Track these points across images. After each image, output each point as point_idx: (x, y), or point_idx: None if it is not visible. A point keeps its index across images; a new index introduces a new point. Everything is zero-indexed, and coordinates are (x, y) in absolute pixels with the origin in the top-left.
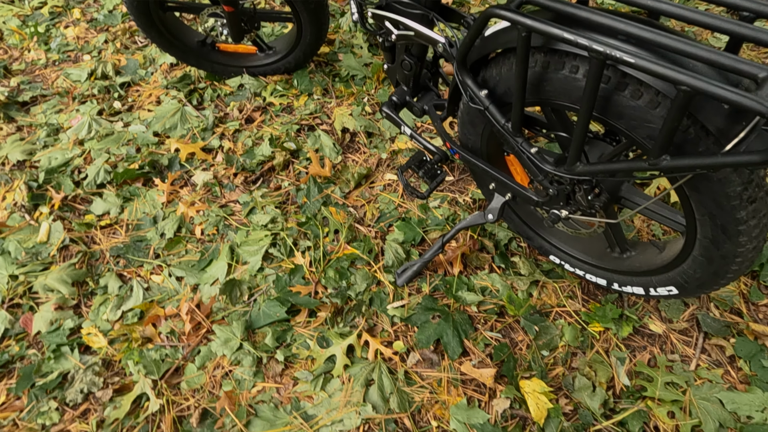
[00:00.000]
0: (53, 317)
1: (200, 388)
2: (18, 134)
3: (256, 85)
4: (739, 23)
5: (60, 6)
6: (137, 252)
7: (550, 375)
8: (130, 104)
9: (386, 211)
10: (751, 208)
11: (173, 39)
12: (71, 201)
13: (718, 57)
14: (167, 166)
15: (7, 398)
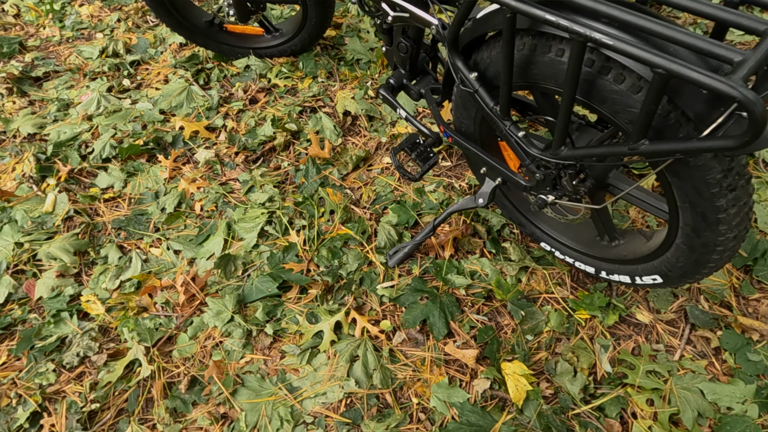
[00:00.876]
0: (55, 284)
1: (191, 357)
2: (30, 108)
3: (262, 67)
4: (722, 8)
5: None
6: (138, 225)
7: (533, 359)
8: (138, 82)
9: (382, 193)
10: (731, 196)
11: (182, 19)
12: (77, 174)
13: (695, 41)
14: (171, 143)
15: (7, 359)
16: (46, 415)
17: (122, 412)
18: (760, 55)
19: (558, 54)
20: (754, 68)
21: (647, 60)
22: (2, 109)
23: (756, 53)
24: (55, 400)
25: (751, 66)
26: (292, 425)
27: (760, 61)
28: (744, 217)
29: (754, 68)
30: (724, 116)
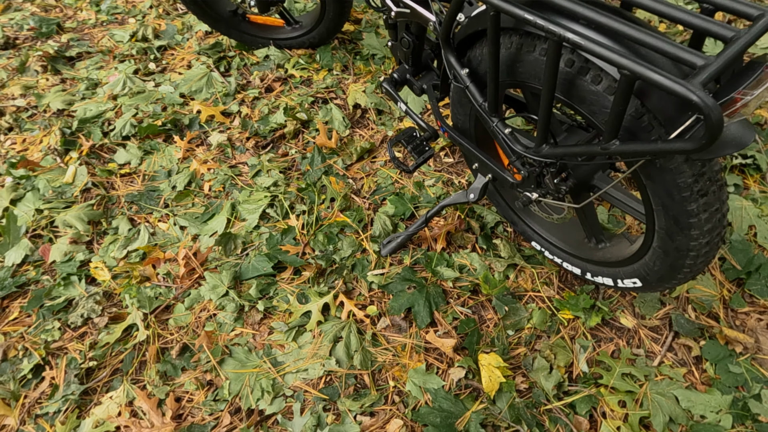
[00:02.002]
0: (68, 249)
1: (185, 326)
2: (61, 86)
3: (281, 57)
4: (699, 16)
5: None
6: (149, 200)
7: (511, 353)
8: (163, 66)
9: (383, 185)
10: (702, 201)
11: (207, 8)
12: (98, 149)
13: (663, 44)
14: (187, 125)
15: (19, 314)
16: (47, 368)
17: (117, 371)
18: (722, 61)
19: (542, 53)
20: (715, 74)
21: (614, 61)
22: (36, 85)
23: (718, 60)
24: (57, 355)
25: (712, 72)
26: (272, 396)
27: (722, 68)
28: (716, 224)
29: (715, 74)
30: (690, 120)
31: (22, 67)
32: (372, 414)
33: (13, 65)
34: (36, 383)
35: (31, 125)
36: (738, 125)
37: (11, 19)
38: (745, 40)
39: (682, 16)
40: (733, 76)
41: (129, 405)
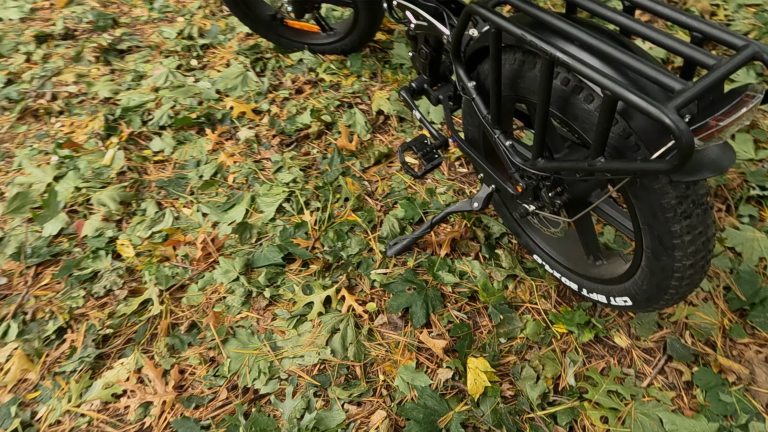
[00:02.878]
0: (99, 226)
1: (196, 305)
2: (110, 76)
3: (314, 62)
4: (686, 44)
5: None
6: (177, 187)
7: (501, 361)
8: (204, 63)
9: (396, 189)
10: (686, 223)
11: (248, 10)
12: (136, 136)
13: (646, 68)
14: (220, 119)
15: (50, 281)
16: (69, 332)
17: (130, 341)
18: (698, 88)
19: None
20: (690, 99)
21: (597, 81)
22: (88, 73)
23: (695, 86)
24: (79, 320)
25: (687, 97)
26: (267, 377)
27: (698, 94)
28: (700, 248)
29: (690, 99)
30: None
31: (77, 57)
32: (359, 404)
33: (70, 54)
34: (57, 344)
35: (80, 110)
36: (719, 149)
37: (73, 12)
38: (725, 68)
39: (671, 43)
40: (712, 102)
41: (137, 372)
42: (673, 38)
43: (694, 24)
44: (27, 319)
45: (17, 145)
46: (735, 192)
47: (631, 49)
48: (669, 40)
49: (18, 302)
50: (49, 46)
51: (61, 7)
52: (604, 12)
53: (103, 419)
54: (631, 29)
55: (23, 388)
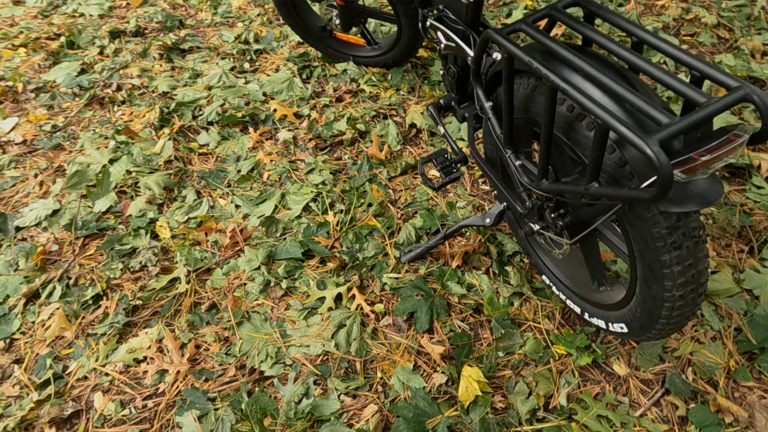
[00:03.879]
0: (142, 207)
1: (218, 288)
2: (170, 72)
3: (357, 73)
4: (682, 82)
5: None
6: (216, 179)
7: (497, 373)
8: (256, 67)
9: (418, 200)
10: (675, 254)
11: (300, 21)
12: (186, 129)
13: (638, 101)
14: (263, 120)
15: (94, 252)
16: (104, 299)
17: (156, 313)
18: (684, 123)
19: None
20: (675, 133)
21: (590, 110)
22: (151, 69)
23: (682, 121)
24: (114, 290)
25: (672, 130)
26: (273, 361)
27: (684, 128)
28: (690, 279)
29: (675, 133)
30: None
31: (144, 53)
32: (354, 396)
33: (138, 50)
34: (93, 309)
35: (140, 101)
36: (707, 183)
37: (146, 12)
38: (713, 107)
39: (668, 80)
40: (700, 138)
41: (158, 342)
42: (670, 76)
43: (692, 63)
44: (70, 283)
45: (82, 128)
46: (761, 234)
47: (632, 82)
48: (666, 77)
49: (65, 268)
50: (121, 41)
51: (136, 6)
52: (614, 47)
53: (123, 380)
54: (636, 65)
55: (59, 344)
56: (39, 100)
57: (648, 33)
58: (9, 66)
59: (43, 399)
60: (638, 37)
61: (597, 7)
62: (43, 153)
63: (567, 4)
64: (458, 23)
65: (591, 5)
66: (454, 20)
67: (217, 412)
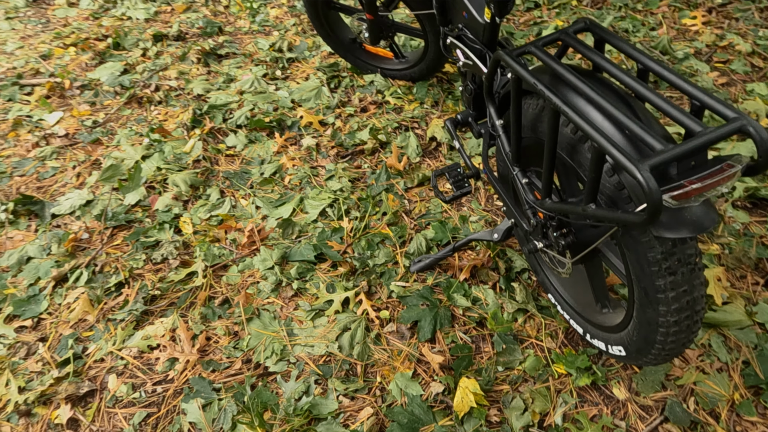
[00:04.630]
0: (169, 203)
1: (232, 285)
2: (206, 76)
3: (383, 85)
4: (680, 110)
5: None
6: (240, 180)
7: (494, 387)
8: (287, 75)
9: (432, 212)
10: (670, 279)
11: (331, 32)
12: (216, 131)
13: (634, 126)
14: (289, 126)
15: (120, 242)
16: (126, 287)
17: (173, 304)
18: (676, 151)
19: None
20: (667, 160)
21: (587, 132)
22: (189, 72)
23: (675, 148)
24: (135, 279)
25: (664, 158)
26: (277, 358)
27: (676, 156)
28: (684, 306)
29: (667, 160)
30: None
31: (183, 57)
32: (353, 398)
33: (178, 54)
34: (115, 295)
35: (175, 102)
36: (701, 210)
37: (188, 17)
38: (708, 137)
39: (667, 108)
40: (694, 166)
41: (172, 331)
42: (670, 104)
43: (693, 93)
44: (96, 270)
45: (120, 125)
46: None
47: (634, 109)
48: (666, 106)
49: (92, 255)
50: (163, 44)
51: (180, 12)
52: (618, 74)
53: (136, 365)
54: (638, 92)
55: (81, 326)
56: (83, 97)
57: (653, 61)
58: (59, 63)
59: (62, 376)
60: (643, 65)
61: (606, 33)
62: (82, 146)
63: (578, 29)
64: (476, 42)
65: (600, 31)
66: (472, 39)
67: (221, 402)
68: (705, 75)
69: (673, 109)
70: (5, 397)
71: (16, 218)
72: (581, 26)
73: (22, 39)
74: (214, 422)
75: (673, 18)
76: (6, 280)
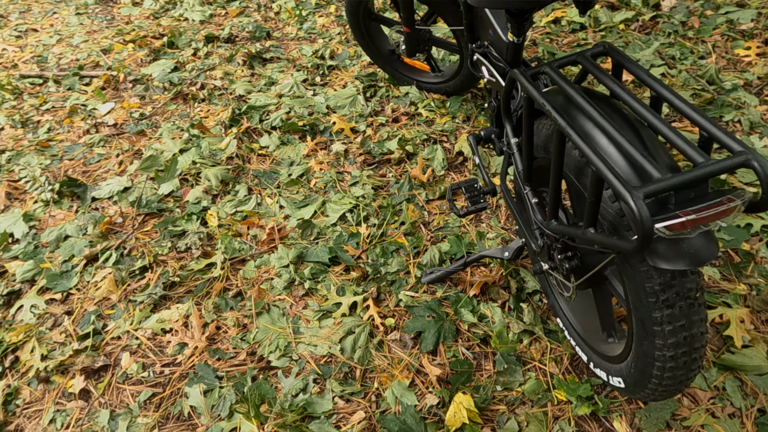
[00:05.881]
0: (199, 196)
1: (248, 279)
2: (249, 78)
3: (417, 97)
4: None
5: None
6: (268, 179)
7: (491, 407)
8: (326, 81)
9: (450, 225)
10: (667, 312)
11: (371, 43)
12: (251, 131)
13: (634, 153)
14: (321, 131)
15: (150, 228)
16: (149, 272)
17: (190, 291)
18: (673, 181)
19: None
20: (662, 189)
21: (587, 156)
22: (234, 73)
23: (672, 178)
24: (159, 264)
25: (659, 187)
26: (280, 353)
27: (672, 186)
28: (681, 342)
29: (662, 189)
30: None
31: (230, 58)
32: (348, 401)
33: (226, 55)
34: (138, 278)
35: (217, 101)
36: (701, 242)
37: (240, 21)
38: (708, 169)
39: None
40: (693, 198)
41: (185, 317)
42: (676, 134)
43: (702, 124)
44: (124, 253)
45: (164, 119)
46: None
47: (641, 135)
48: (672, 135)
49: (123, 239)
50: (213, 46)
51: (233, 16)
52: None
53: (149, 345)
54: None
55: (104, 304)
56: (134, 90)
57: (666, 90)
58: (117, 58)
59: (81, 349)
60: (657, 93)
61: (623, 58)
62: (128, 136)
63: (596, 53)
64: (500, 60)
65: (618, 56)
66: (497, 57)
67: (222, 390)
68: (753, 108)
69: (679, 138)
70: (29, 363)
71: (61, 198)
72: (600, 50)
73: (87, 33)
74: (213, 408)
75: (725, 47)
76: (44, 254)
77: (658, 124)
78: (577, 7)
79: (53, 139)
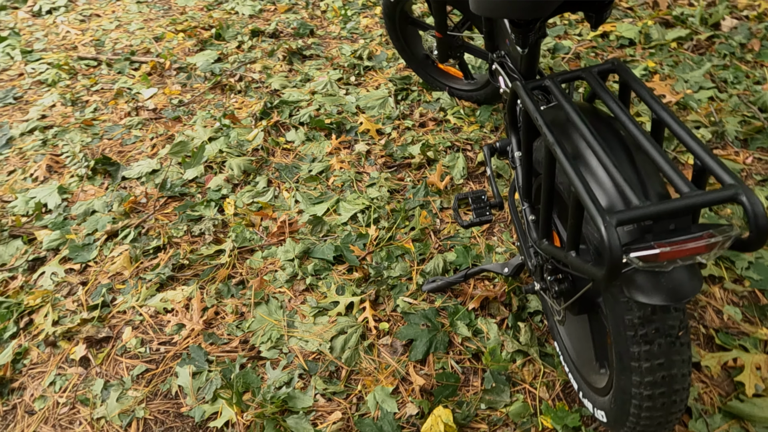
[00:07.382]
0: (220, 184)
1: (253, 268)
2: (286, 73)
3: (448, 103)
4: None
5: (372, 1)
6: (288, 173)
7: (471, 424)
8: (360, 81)
9: (461, 235)
10: (645, 348)
11: (406, 47)
12: (280, 124)
13: (619, 178)
14: (347, 130)
15: (170, 211)
16: (162, 252)
17: (196, 275)
18: (650, 210)
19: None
20: (636, 218)
21: (568, 176)
22: (272, 67)
23: (649, 207)
24: (172, 246)
25: (635, 215)
26: (271, 345)
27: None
28: (659, 381)
29: (636, 218)
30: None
31: (271, 53)
32: (329, 399)
33: (268, 50)
34: (151, 258)
35: (252, 93)
36: (683, 277)
37: (286, 17)
38: (692, 200)
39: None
40: (673, 230)
41: (188, 300)
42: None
43: (698, 153)
44: (142, 232)
45: (200, 107)
46: None
47: (634, 160)
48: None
49: (143, 218)
50: (258, 40)
51: (281, 12)
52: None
53: (150, 323)
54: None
55: (117, 279)
56: (177, 78)
57: (669, 115)
58: (167, 46)
59: (88, 319)
60: (658, 116)
61: (631, 77)
62: (164, 122)
63: (603, 69)
64: (514, 71)
65: (626, 75)
66: (511, 68)
67: (210, 374)
68: None
69: (668, 166)
70: (41, 326)
71: (94, 175)
72: (608, 67)
73: (144, 21)
74: (199, 390)
75: None
76: (71, 226)
77: (649, 149)
78: (588, 21)
79: (97, 119)
